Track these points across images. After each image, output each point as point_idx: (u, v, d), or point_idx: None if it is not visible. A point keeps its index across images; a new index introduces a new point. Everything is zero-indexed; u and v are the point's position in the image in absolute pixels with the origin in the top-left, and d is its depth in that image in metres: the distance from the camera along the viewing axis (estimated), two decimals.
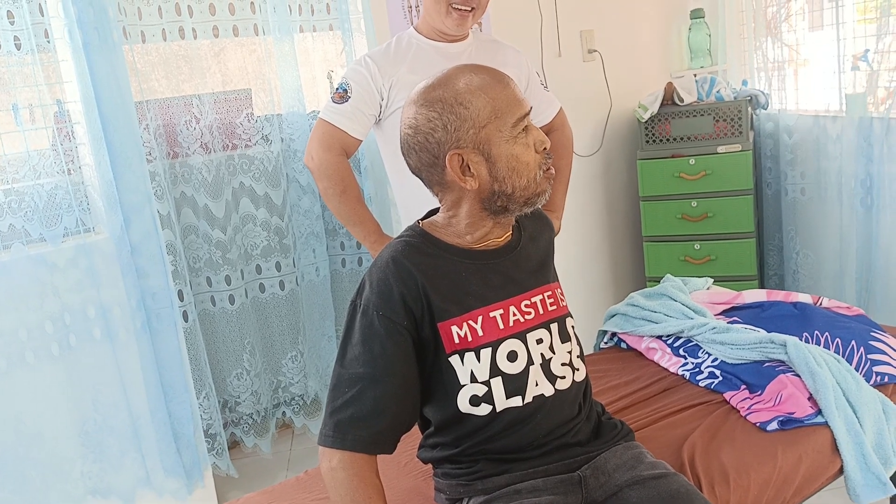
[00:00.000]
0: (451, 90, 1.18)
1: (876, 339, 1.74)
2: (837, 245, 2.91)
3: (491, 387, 1.20)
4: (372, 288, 1.20)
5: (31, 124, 2.10)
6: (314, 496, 1.47)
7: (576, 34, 3.12)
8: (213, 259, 2.55)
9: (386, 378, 1.16)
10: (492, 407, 1.21)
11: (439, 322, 1.19)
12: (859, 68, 2.73)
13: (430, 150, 1.19)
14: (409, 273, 1.19)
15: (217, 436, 2.49)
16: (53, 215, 2.08)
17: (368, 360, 1.16)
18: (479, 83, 1.19)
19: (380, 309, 1.17)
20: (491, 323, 1.22)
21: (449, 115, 1.17)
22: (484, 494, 1.23)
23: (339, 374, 1.19)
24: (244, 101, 2.61)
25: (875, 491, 1.48)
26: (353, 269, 2.90)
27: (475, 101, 1.17)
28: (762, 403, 1.58)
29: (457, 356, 1.20)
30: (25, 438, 2.03)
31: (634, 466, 1.28)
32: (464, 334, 1.20)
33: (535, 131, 1.23)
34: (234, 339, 2.62)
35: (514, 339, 1.23)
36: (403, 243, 1.25)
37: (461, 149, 1.18)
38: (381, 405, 1.16)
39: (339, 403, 1.17)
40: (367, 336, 1.17)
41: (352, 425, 1.15)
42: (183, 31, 2.41)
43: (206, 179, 2.50)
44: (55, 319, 2.06)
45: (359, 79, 1.89)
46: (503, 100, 1.18)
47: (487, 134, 1.17)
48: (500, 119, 1.18)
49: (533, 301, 1.27)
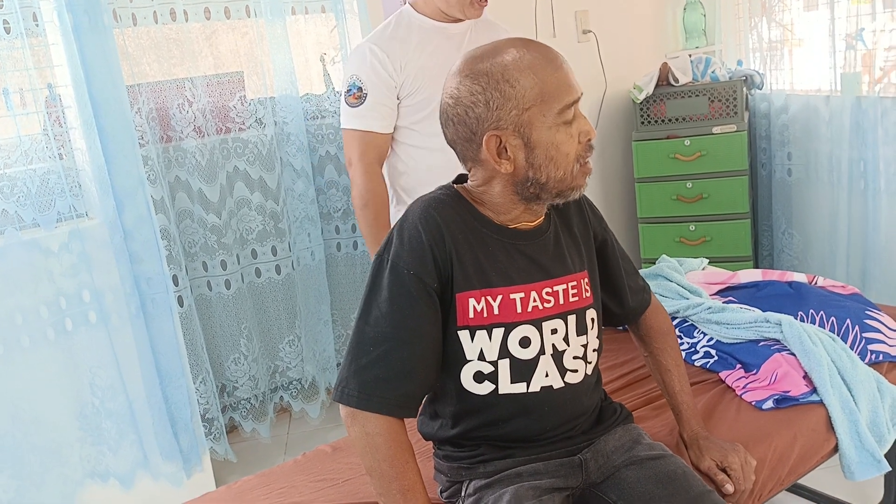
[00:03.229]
0: (499, 64, 1.11)
1: (871, 317, 1.75)
2: (828, 225, 2.92)
3: (497, 367, 1.18)
4: (402, 244, 1.14)
5: (22, 109, 2.08)
6: (311, 478, 1.48)
7: (570, 14, 3.11)
8: (208, 244, 2.54)
9: (414, 340, 1.13)
10: (494, 387, 1.18)
11: (458, 292, 1.15)
12: (854, 48, 2.73)
13: (468, 125, 1.13)
14: (440, 234, 1.14)
15: (214, 420, 2.50)
16: (46, 200, 2.07)
17: (398, 319, 1.12)
18: (530, 61, 1.11)
19: (411, 267, 1.12)
20: (509, 304, 1.17)
21: (493, 91, 1.10)
22: (486, 478, 1.22)
23: (363, 331, 1.14)
24: (237, 84, 2.60)
25: (869, 468, 1.49)
26: (349, 252, 2.90)
27: (522, 80, 1.10)
28: (757, 382, 1.59)
29: (466, 331, 1.16)
30: (22, 423, 2.03)
31: (632, 448, 1.28)
32: (480, 309, 1.16)
33: (582, 120, 1.15)
34: (230, 323, 2.61)
35: (528, 325, 1.19)
36: (437, 200, 1.19)
37: (500, 130, 1.11)
38: (408, 367, 1.12)
39: (364, 362, 1.12)
40: (395, 294, 1.12)
41: (378, 386, 1.11)
42: (174, 13, 2.38)
43: (199, 163, 2.48)
44: (50, 304, 2.05)
45: (370, 72, 1.83)
46: (553, 82, 1.11)
47: (530, 117, 1.11)
48: (547, 103, 1.10)
49: (555, 290, 1.22)
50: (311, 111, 2.77)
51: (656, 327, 1.44)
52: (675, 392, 1.40)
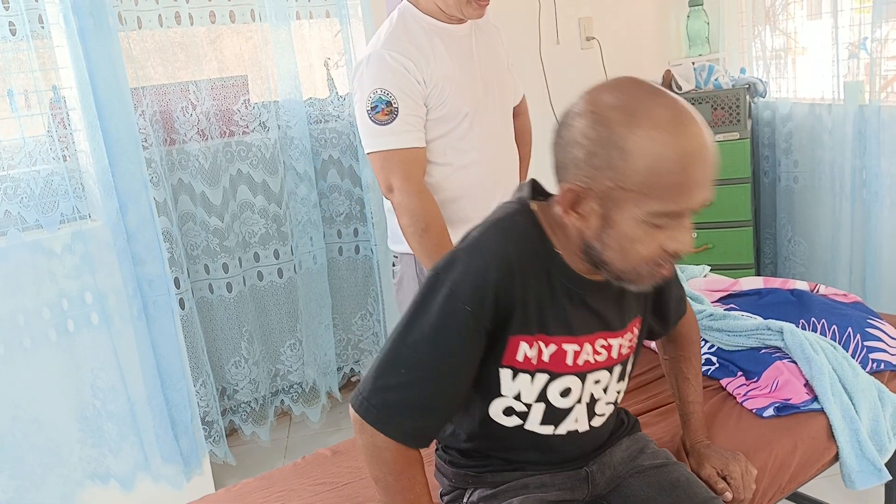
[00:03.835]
0: (627, 124, 0.93)
1: (872, 326, 1.75)
2: (830, 233, 2.92)
3: (531, 409, 1.13)
4: (467, 274, 1.03)
5: (26, 110, 2.09)
6: (311, 481, 1.48)
7: (574, 21, 3.11)
8: (210, 246, 2.54)
9: (449, 377, 1.05)
10: (521, 423, 1.14)
11: (512, 335, 1.06)
12: (857, 56, 2.73)
13: (563, 157, 1.00)
14: (511, 276, 1.03)
15: (214, 423, 2.50)
16: (49, 202, 2.08)
17: (438, 352, 1.03)
18: (663, 148, 0.92)
19: (469, 303, 1.02)
20: (561, 355, 1.10)
21: (602, 148, 0.94)
22: (492, 487, 1.20)
23: (400, 349, 1.05)
24: (241, 87, 2.60)
25: (870, 477, 1.49)
26: (350, 257, 2.90)
27: (638, 162, 0.92)
28: (758, 390, 1.59)
29: (509, 371, 1.09)
30: (23, 423, 2.04)
31: (636, 457, 1.27)
32: (531, 356, 1.08)
33: (679, 232, 0.98)
34: (231, 326, 2.62)
35: (574, 377, 1.13)
36: (516, 232, 1.07)
37: (586, 188, 0.97)
38: (435, 402, 1.05)
39: (392, 382, 1.04)
40: (443, 324, 1.03)
41: (399, 412, 1.05)
42: (179, 16, 2.39)
43: (203, 166, 2.49)
44: (52, 305, 2.06)
45: (398, 82, 1.63)
46: (670, 185, 0.93)
47: (623, 198, 0.95)
48: (648, 199, 0.94)
49: (609, 343, 1.14)
50: (315, 115, 2.78)
51: (685, 335, 1.39)
52: (689, 402, 1.39)
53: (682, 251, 0.99)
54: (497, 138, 1.81)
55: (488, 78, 1.78)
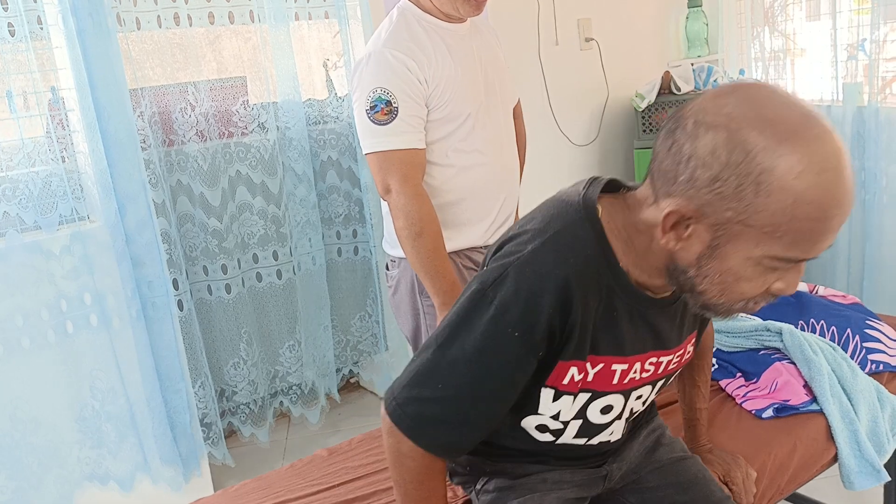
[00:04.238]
0: (770, 156, 0.79)
1: (871, 327, 1.75)
2: None
3: (567, 427, 1.08)
4: (518, 296, 0.93)
5: (25, 111, 2.09)
6: (308, 482, 1.47)
7: (573, 22, 3.11)
8: (209, 248, 2.54)
9: (489, 400, 0.99)
10: (554, 439, 1.11)
11: (563, 360, 0.99)
12: (856, 58, 2.73)
13: (677, 169, 0.85)
14: (568, 303, 0.93)
15: (213, 425, 2.50)
16: (48, 203, 2.08)
17: (480, 376, 0.96)
18: (806, 189, 0.79)
19: (517, 329, 0.93)
20: (607, 375, 1.03)
21: (733, 175, 0.81)
22: (511, 479, 1.16)
23: (438, 362, 0.98)
24: (240, 88, 2.60)
25: (869, 478, 1.49)
26: (349, 258, 2.90)
27: (773, 202, 0.80)
28: (757, 391, 1.59)
29: (551, 392, 1.03)
30: (21, 424, 2.03)
31: (654, 450, 1.25)
32: (578, 379, 1.02)
33: (791, 276, 0.88)
34: (230, 328, 2.61)
35: (618, 395, 1.07)
36: (576, 250, 0.95)
37: (698, 212, 0.85)
38: (472, 420, 1.00)
39: (428, 395, 0.98)
40: (489, 347, 0.95)
41: (432, 425, 0.99)
42: (178, 17, 2.39)
43: (202, 167, 2.49)
44: (51, 306, 2.06)
45: (398, 81, 1.60)
46: (806, 232, 0.81)
47: (742, 233, 0.83)
48: (772, 242, 0.83)
49: (660, 360, 1.08)
50: (314, 116, 2.78)
51: (703, 344, 1.33)
52: (697, 408, 1.37)
53: (789, 293, 0.90)
54: (499, 140, 1.80)
55: (490, 79, 1.77)
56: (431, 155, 1.70)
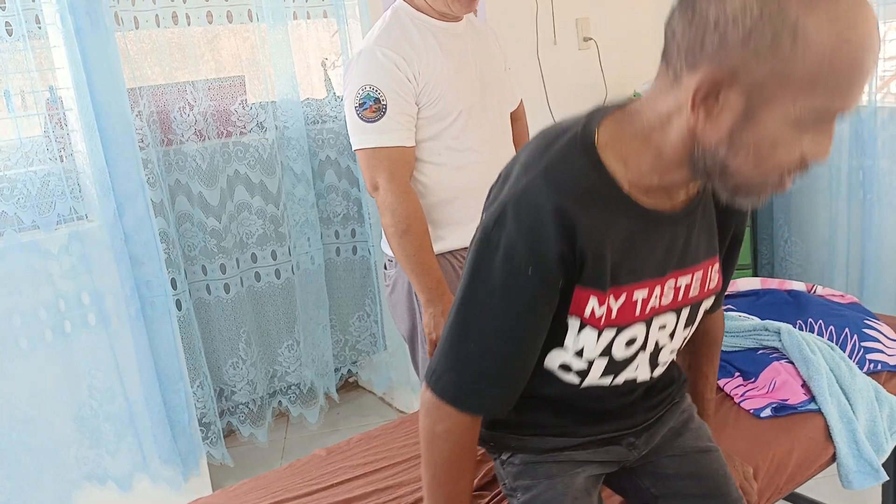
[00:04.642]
0: (807, 6, 0.77)
1: (869, 326, 1.75)
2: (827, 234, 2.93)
3: (592, 365, 1.05)
4: (521, 231, 0.92)
5: (23, 111, 2.09)
6: (306, 481, 1.47)
7: (571, 22, 3.11)
8: (207, 247, 2.54)
9: (524, 341, 0.98)
10: (580, 381, 1.07)
11: (579, 286, 0.96)
12: None
13: (703, 34, 0.83)
14: (571, 228, 0.92)
15: (211, 424, 2.49)
16: (46, 202, 2.07)
17: (509, 317, 0.96)
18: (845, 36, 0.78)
19: (530, 263, 0.92)
20: (629, 307, 1.01)
21: (766, 27, 0.78)
22: (536, 454, 1.14)
23: (465, 320, 0.98)
24: (238, 88, 2.60)
25: (867, 478, 1.49)
26: (348, 257, 2.90)
27: (811, 50, 0.78)
28: (756, 390, 1.59)
29: (577, 321, 1.00)
30: (19, 424, 2.03)
31: (680, 434, 1.21)
32: (599, 315, 0.99)
33: (825, 137, 0.86)
34: (229, 327, 2.61)
35: (640, 325, 1.03)
36: (571, 177, 0.93)
37: (730, 76, 0.82)
38: (512, 368, 0.99)
39: (463, 357, 0.99)
40: (510, 287, 0.94)
41: (475, 384, 0.99)
42: (176, 16, 2.39)
43: (200, 167, 2.49)
44: (49, 306, 2.05)
45: (387, 79, 1.60)
46: (844, 79, 0.80)
47: (779, 93, 0.81)
48: (812, 93, 0.80)
49: (679, 283, 1.04)
50: (312, 116, 2.78)
51: (712, 333, 1.30)
52: (705, 399, 1.34)
53: (823, 159, 0.87)
54: (494, 139, 1.79)
55: (485, 77, 1.77)
56: (424, 153, 1.71)
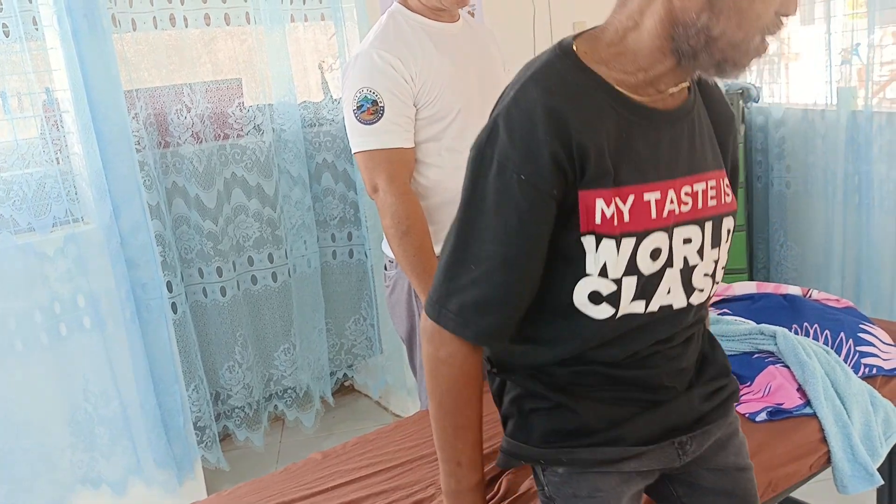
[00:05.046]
0: None
1: (864, 331, 1.75)
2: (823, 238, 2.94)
3: (621, 286, 0.98)
4: (512, 139, 0.91)
5: (19, 112, 2.09)
6: (302, 485, 1.47)
7: (568, 25, 3.12)
8: (204, 250, 2.54)
9: (521, 260, 0.95)
10: (614, 311, 0.99)
11: (582, 189, 0.93)
12: (850, 62, 2.74)
13: None
14: (563, 124, 0.91)
15: (207, 428, 2.49)
16: (42, 205, 2.07)
17: (502, 235, 0.94)
18: None
19: (522, 171, 0.91)
20: (643, 208, 0.96)
21: None
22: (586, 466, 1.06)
23: (464, 241, 0.96)
24: (235, 90, 2.60)
25: (862, 482, 1.49)
26: (344, 261, 2.90)
27: None
28: (751, 394, 1.59)
29: (591, 238, 0.95)
30: (14, 427, 2.03)
31: (723, 447, 1.17)
32: (609, 216, 0.94)
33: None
34: (225, 331, 2.61)
35: (661, 233, 0.98)
36: (558, 77, 0.94)
37: None
38: (511, 291, 0.97)
39: (462, 282, 0.96)
40: (502, 204, 0.93)
41: (476, 311, 0.96)
42: (174, 18, 2.39)
43: (197, 169, 2.48)
44: (44, 309, 2.05)
45: (384, 81, 1.61)
46: None
47: None
48: None
49: (695, 189, 1.01)
50: (309, 118, 2.78)
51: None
52: None
53: (792, 13, 0.93)
54: None
55: (483, 77, 1.77)
56: (424, 154, 1.72)
